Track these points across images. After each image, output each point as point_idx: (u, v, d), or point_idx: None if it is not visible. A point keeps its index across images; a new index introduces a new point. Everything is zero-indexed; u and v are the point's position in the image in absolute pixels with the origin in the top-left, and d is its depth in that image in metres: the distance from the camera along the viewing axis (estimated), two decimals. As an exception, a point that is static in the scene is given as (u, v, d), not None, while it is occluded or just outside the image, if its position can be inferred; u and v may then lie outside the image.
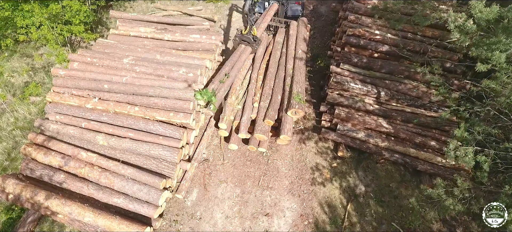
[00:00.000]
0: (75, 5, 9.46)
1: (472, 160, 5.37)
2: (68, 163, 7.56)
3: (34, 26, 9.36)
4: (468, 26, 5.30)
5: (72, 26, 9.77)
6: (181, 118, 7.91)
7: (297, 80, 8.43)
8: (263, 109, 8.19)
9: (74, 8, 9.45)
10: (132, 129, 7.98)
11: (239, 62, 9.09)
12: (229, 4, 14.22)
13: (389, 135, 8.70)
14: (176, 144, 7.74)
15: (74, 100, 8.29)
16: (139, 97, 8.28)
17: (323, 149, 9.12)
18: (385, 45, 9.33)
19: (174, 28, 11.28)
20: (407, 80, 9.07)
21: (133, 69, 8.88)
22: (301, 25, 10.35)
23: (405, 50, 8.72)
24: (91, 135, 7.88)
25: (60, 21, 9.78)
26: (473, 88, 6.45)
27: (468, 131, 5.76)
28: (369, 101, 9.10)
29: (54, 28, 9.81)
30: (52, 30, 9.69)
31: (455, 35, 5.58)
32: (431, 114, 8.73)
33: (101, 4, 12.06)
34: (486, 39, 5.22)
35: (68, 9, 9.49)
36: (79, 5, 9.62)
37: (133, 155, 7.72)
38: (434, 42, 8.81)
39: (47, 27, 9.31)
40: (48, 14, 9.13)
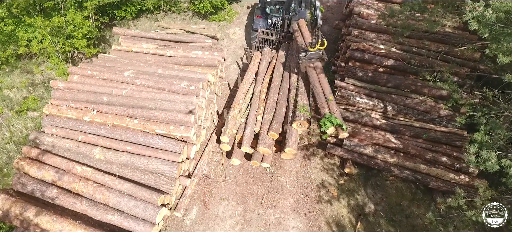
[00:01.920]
0: (78, 18, 9.43)
1: (495, 165, 4.99)
2: (62, 178, 7.20)
3: (36, 39, 9.29)
4: (487, 15, 5.09)
5: (75, 40, 9.70)
6: (181, 131, 7.62)
7: (302, 92, 8.21)
8: (267, 122, 7.91)
9: (77, 21, 9.41)
10: (131, 142, 7.66)
11: (323, 81, 8.51)
12: (231, 22, 14.32)
13: (398, 150, 8.35)
14: (175, 158, 7.40)
15: (72, 113, 8.04)
16: (139, 110, 8.03)
17: (329, 165, 8.73)
18: (390, 59, 9.19)
19: (176, 44, 11.25)
20: (414, 95, 8.85)
21: (133, 82, 8.71)
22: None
23: (412, 61, 8.53)
24: (88, 148, 7.56)
25: (63, 35, 9.73)
26: (489, 93, 6.17)
27: (489, 134, 5.42)
28: (375, 116, 8.83)
29: (56, 42, 9.74)
30: (54, 45, 9.61)
31: (473, 25, 5.36)
32: (441, 129, 8.43)
33: (104, 21, 12.11)
34: (507, 29, 5.00)
35: (70, 22, 9.45)
36: (82, 19, 9.59)
37: (130, 170, 7.36)
38: (440, 55, 8.64)
39: (49, 41, 9.23)
40: (51, 27, 9.08)
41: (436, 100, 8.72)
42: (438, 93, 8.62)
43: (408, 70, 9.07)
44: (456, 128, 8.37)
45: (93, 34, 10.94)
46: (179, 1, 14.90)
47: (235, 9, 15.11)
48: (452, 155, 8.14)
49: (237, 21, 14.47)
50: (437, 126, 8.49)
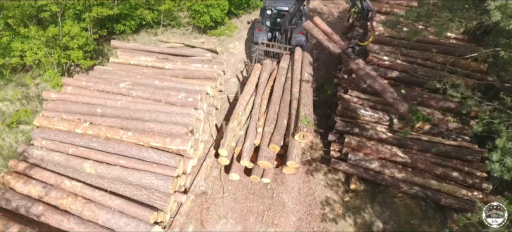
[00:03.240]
0: (74, 29, 9.23)
1: None
2: (49, 193, 6.76)
3: (31, 50, 9.05)
4: (511, 5, 4.85)
5: (71, 52, 9.46)
6: (177, 144, 7.23)
7: (305, 103, 7.87)
8: (268, 134, 7.53)
9: (73, 31, 9.19)
10: (124, 155, 7.26)
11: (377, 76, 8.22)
12: (231, 37, 14.20)
13: (406, 165, 7.92)
14: (171, 172, 6.98)
15: (63, 125, 7.68)
16: (134, 122, 7.68)
17: (333, 181, 8.28)
18: (395, 71, 8.90)
19: (175, 58, 11.04)
20: (421, 107, 8.49)
21: (129, 94, 8.40)
22: (307, 50, 10.05)
23: (419, 71, 8.23)
24: (78, 162, 7.15)
25: (59, 46, 9.51)
26: (507, 99, 5.81)
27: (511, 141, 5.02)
28: (381, 129, 8.45)
29: (51, 54, 9.51)
30: (50, 56, 9.38)
31: (495, 16, 5.10)
32: (450, 142, 8.03)
33: (103, 34, 11.95)
34: None
35: (66, 32, 9.23)
36: (80, 29, 9.39)
37: (122, 185, 6.92)
38: (447, 67, 8.36)
39: (44, 52, 8.99)
40: (46, 38, 8.86)
41: (444, 113, 8.37)
42: (445, 106, 8.27)
43: (414, 82, 8.77)
44: (467, 142, 7.98)
45: (90, 47, 10.75)
46: (179, 15, 14.86)
47: (236, 24, 15.05)
48: (464, 170, 7.71)
49: (237, 36, 14.36)
50: (446, 139, 8.09)
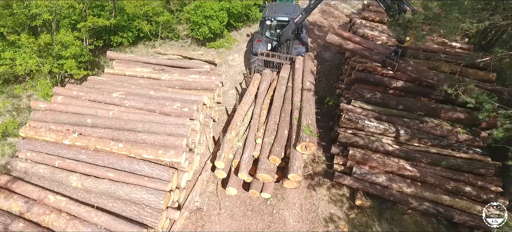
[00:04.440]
0: (67, 37, 8.94)
1: None
2: (31, 209, 6.25)
3: (24, 60, 8.71)
4: None
5: (63, 61, 9.13)
6: (171, 156, 6.78)
7: (307, 112, 7.46)
8: (268, 145, 7.08)
9: (66, 39, 8.89)
10: (113, 168, 6.80)
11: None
12: (230, 49, 13.97)
13: (415, 179, 7.43)
14: (163, 186, 6.50)
15: (50, 136, 7.25)
16: (125, 133, 7.26)
17: (337, 197, 7.76)
18: (400, 81, 8.55)
19: (172, 69, 10.76)
20: (428, 118, 8.09)
21: (122, 104, 8.02)
22: (308, 59, 9.74)
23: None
24: (64, 175, 6.69)
25: (51, 56, 9.20)
26: None
27: None
28: (387, 141, 8.01)
29: (44, 64, 9.19)
30: (42, 66, 9.05)
31: None
32: (461, 155, 7.57)
33: (99, 45, 11.69)
34: None
35: (59, 40, 8.93)
36: (73, 38, 9.11)
37: (110, 199, 6.42)
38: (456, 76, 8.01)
39: (36, 61, 8.66)
40: (37, 46, 8.56)
41: (453, 124, 7.96)
42: (454, 116, 7.88)
43: (419, 92, 8.41)
44: (478, 154, 7.53)
45: (85, 58, 10.46)
46: (177, 28, 14.69)
47: (235, 37, 14.87)
48: (477, 184, 7.22)
49: (236, 48, 14.13)
50: (457, 152, 7.63)
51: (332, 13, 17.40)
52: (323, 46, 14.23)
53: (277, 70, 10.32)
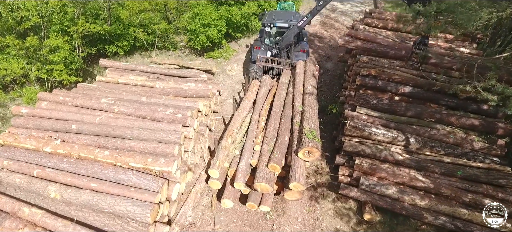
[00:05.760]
0: (55, 40, 8.48)
1: None
2: (3, 223, 5.62)
3: (8, 64, 8.23)
4: None
5: (51, 66, 8.63)
6: (161, 165, 6.19)
7: (309, 116, 6.89)
8: (267, 152, 6.47)
9: (54, 43, 8.43)
10: (98, 178, 6.19)
11: None
12: (229, 59, 13.58)
13: (428, 191, 6.78)
14: (151, 198, 5.87)
15: (30, 143, 6.68)
16: (113, 140, 6.70)
17: (343, 211, 7.08)
18: (407, 86, 8.04)
19: (168, 77, 10.31)
20: (440, 125, 7.53)
21: (110, 109, 7.49)
22: (309, 62, 9.27)
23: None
24: (42, 185, 6.08)
25: (39, 61, 8.73)
26: None
27: None
28: (396, 150, 7.41)
29: (31, 69, 8.72)
30: (30, 71, 8.57)
31: None
32: (478, 165, 6.96)
33: (92, 52, 11.26)
34: None
35: (47, 43, 8.48)
36: (62, 42, 8.66)
37: (92, 212, 5.77)
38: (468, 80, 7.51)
39: (22, 64, 8.17)
40: (25, 50, 8.10)
41: (466, 131, 7.39)
42: (468, 123, 7.32)
43: (428, 98, 7.89)
44: (496, 163, 6.92)
45: (77, 65, 10.01)
46: (174, 38, 14.37)
47: (234, 48, 14.51)
48: (497, 196, 6.56)
49: (235, 58, 13.74)
50: (473, 161, 7.02)
51: (333, 25, 17.15)
52: (324, 56, 13.85)
53: (277, 77, 9.85)
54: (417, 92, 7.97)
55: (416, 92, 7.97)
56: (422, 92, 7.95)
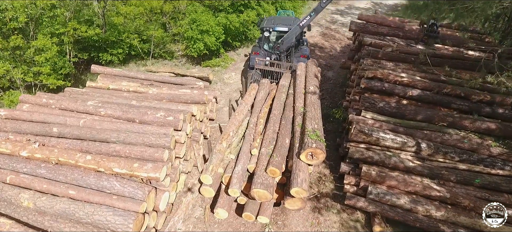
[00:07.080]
0: (42, 41, 8.02)
1: None
2: (-35, 235, 4.93)
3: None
4: None
5: (37, 68, 8.14)
6: (148, 170, 5.60)
7: (311, 116, 6.32)
8: (265, 156, 5.86)
9: (41, 43, 7.96)
10: (78, 185, 5.57)
11: None
12: (227, 68, 13.16)
13: (444, 201, 6.14)
14: (135, 206, 5.24)
15: (6, 147, 6.10)
16: (96, 144, 6.13)
17: (350, 223, 6.41)
18: (415, 89, 7.53)
19: (162, 84, 9.83)
20: (452, 129, 6.97)
21: (96, 112, 6.95)
22: (311, 63, 8.80)
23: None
24: (15, 193, 5.47)
25: (25, 64, 8.26)
26: None
27: None
28: (406, 156, 6.81)
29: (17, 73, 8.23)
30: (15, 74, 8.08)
31: None
32: (498, 172, 6.34)
33: (83, 58, 10.82)
34: None
35: (33, 45, 8.02)
36: (50, 43, 8.20)
37: (68, 223, 5.12)
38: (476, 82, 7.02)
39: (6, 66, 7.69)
40: (9, 51, 7.65)
41: (482, 136, 6.82)
42: (483, 127, 6.78)
43: (438, 102, 7.37)
44: (518, 170, 6.30)
45: (66, 70, 9.54)
46: (171, 47, 14.02)
47: (232, 57, 14.14)
48: (521, 206, 5.91)
49: (233, 67, 13.33)
50: (491, 168, 6.41)
51: (333, 36, 16.88)
52: (325, 65, 13.45)
53: (277, 81, 9.37)
54: (426, 96, 7.44)
55: (424, 96, 7.45)
56: (432, 96, 7.43)
